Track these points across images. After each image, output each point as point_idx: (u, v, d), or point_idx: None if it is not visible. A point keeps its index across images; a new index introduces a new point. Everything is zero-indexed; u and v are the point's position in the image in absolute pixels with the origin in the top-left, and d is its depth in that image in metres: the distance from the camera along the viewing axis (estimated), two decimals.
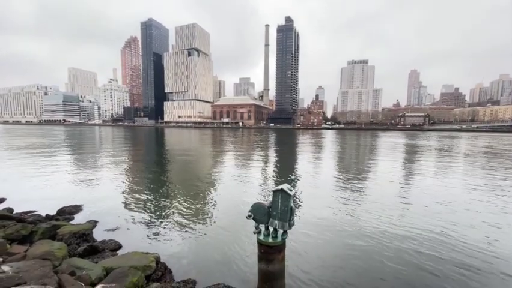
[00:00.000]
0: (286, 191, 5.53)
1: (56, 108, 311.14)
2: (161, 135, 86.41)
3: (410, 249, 8.21)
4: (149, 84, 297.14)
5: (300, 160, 29.90)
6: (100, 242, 8.19)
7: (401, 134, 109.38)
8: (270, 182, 17.75)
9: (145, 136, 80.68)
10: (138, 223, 10.24)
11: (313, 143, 56.29)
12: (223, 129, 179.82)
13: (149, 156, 33.35)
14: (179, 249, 8.22)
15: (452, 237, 9.13)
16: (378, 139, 70.41)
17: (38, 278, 5.13)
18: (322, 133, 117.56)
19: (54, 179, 17.25)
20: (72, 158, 28.17)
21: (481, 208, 12.17)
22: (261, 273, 5.97)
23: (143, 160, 29.11)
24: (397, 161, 27.78)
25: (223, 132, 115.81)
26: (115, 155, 31.07)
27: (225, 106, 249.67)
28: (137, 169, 22.90)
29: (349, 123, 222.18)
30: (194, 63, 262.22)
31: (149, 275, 6.22)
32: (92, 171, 20.59)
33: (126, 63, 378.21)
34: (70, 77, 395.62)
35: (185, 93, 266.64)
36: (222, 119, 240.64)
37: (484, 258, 7.75)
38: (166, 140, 64.87)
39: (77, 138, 65.25)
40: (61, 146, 42.57)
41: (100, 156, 29.70)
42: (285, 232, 5.83)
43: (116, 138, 69.34)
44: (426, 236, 9.17)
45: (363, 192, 14.82)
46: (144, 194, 14.40)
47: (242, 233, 9.20)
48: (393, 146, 48.38)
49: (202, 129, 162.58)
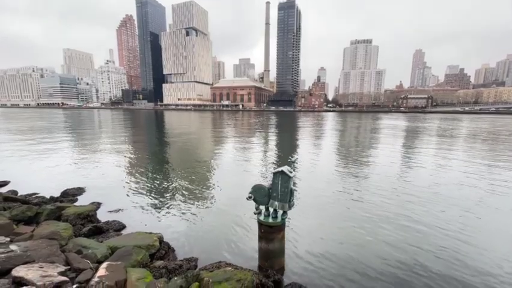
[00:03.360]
0: (286, 173, 5.57)
1: (54, 91, 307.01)
2: (161, 118, 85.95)
3: (410, 229, 8.42)
4: (147, 66, 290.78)
5: (300, 142, 29.91)
6: (104, 223, 8.40)
7: (403, 116, 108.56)
8: (270, 164, 17.89)
9: (144, 119, 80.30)
10: (141, 204, 10.46)
11: (314, 126, 56.05)
12: (223, 111, 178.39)
13: (150, 139, 33.38)
14: (181, 229, 8.46)
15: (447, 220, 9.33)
16: (379, 122, 70.00)
17: (46, 256, 5.32)
18: (323, 115, 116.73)
19: (56, 162, 17.40)
20: (73, 141, 28.24)
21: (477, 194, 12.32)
22: (262, 251, 6.17)
23: (144, 143, 29.17)
24: (396, 144, 27.80)
25: (223, 115, 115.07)
26: (115, 138, 31.09)
27: (225, 88, 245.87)
28: (138, 152, 23.01)
29: (351, 106, 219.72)
30: (192, 43, 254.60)
31: (153, 254, 6.44)
32: (93, 154, 20.72)
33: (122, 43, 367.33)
34: (66, 58, 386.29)
35: (184, 74, 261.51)
36: (222, 102, 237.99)
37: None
38: (166, 123, 64.64)
39: (77, 121, 65.02)
40: (62, 129, 42.54)
41: (100, 139, 29.74)
42: (284, 213, 5.95)
43: (116, 121, 69.05)
44: (426, 216, 9.37)
45: (363, 174, 14.96)
46: (146, 176, 14.57)
47: (243, 214, 9.41)
48: (394, 128, 48.17)
49: (202, 112, 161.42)
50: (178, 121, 73.50)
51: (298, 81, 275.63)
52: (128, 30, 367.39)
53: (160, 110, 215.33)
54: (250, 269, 5.89)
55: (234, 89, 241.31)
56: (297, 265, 6.57)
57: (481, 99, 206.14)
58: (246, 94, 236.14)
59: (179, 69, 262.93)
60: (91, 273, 4.89)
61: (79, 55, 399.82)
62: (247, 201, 6.10)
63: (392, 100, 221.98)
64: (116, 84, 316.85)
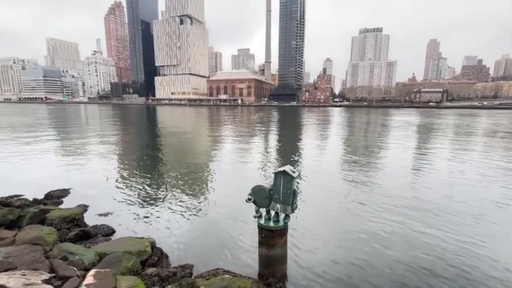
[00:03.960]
0: (289, 173, 5.56)
1: (36, 85, 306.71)
2: (153, 114, 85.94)
3: (421, 237, 8.40)
4: (137, 57, 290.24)
5: (304, 141, 29.92)
6: (91, 227, 8.42)
7: (416, 111, 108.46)
8: (272, 164, 17.90)
9: (135, 115, 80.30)
10: (131, 207, 10.48)
11: (319, 122, 56.02)
12: (220, 107, 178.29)
13: (141, 136, 33.39)
14: (175, 233, 8.47)
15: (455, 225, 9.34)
16: (389, 118, 69.96)
17: (29, 263, 5.33)
18: (329, 111, 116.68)
19: (40, 162, 17.42)
20: (58, 139, 28.25)
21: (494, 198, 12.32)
22: (262, 258, 6.18)
23: (135, 141, 29.19)
24: (409, 143, 27.81)
25: (220, 111, 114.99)
26: (103, 136, 31.10)
27: (222, 81, 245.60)
28: (128, 150, 23.03)
29: (359, 100, 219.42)
30: (187, 32, 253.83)
31: (144, 260, 6.46)
32: (79, 152, 20.73)
33: (111, 32, 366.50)
34: (49, 49, 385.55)
35: (178, 66, 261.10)
36: (219, 96, 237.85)
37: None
38: (159, 120, 64.63)
39: (62, 117, 65.03)
40: (46, 126, 42.54)
41: (87, 137, 29.76)
42: (287, 216, 5.95)
43: (104, 117, 69.02)
44: (440, 224, 9.37)
45: (371, 176, 14.98)
46: (136, 176, 14.59)
47: (242, 217, 9.43)
48: (406, 125, 48.14)
49: (197, 107, 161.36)
50: (172, 117, 73.46)
51: (302, 74, 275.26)
52: (117, 18, 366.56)
53: (152, 105, 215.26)
54: (250, 277, 5.90)
55: (232, 82, 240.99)
56: (300, 273, 6.58)
57: (501, 93, 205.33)
58: (245, 88, 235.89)
59: (172, 61, 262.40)
60: (77, 281, 4.91)
61: (64, 45, 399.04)
62: (247, 203, 6.10)
63: (404, 94, 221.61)
64: (104, 77, 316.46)
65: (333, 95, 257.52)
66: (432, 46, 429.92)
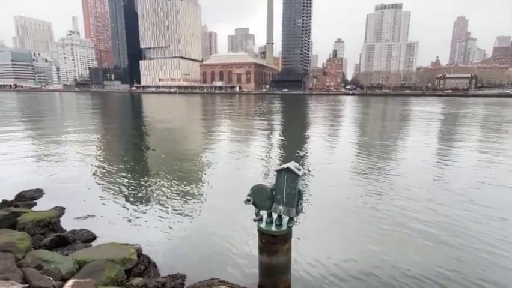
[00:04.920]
0: (294, 171, 5.57)
1: (4, 70, 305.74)
2: (138, 104, 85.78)
3: (442, 246, 8.41)
4: (120, 38, 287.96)
5: (311, 135, 29.90)
6: (69, 232, 8.48)
7: (439, 100, 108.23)
8: (274, 160, 17.91)
9: (118, 105, 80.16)
10: (114, 210, 10.54)
11: (328, 113, 55.90)
12: (215, 95, 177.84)
13: (125, 130, 33.37)
14: (164, 239, 8.54)
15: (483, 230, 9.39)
16: (409, 108, 69.82)
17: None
18: (340, 100, 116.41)
19: (9, 159, 17.45)
20: (30, 133, 28.27)
21: None
22: (263, 266, 6.23)
23: (117, 135, 29.18)
24: (430, 139, 27.82)
25: (215, 100, 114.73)
26: (81, 129, 31.09)
27: (218, 66, 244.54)
28: (110, 146, 23.04)
29: (374, 87, 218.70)
30: (176, 9, 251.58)
31: (129, 269, 6.51)
32: (55, 149, 20.75)
33: (89, 9, 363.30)
34: (18, 28, 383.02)
35: (167, 49, 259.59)
36: (214, 83, 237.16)
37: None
38: (145, 110, 64.53)
39: (34, 107, 64.91)
40: (16, 117, 42.52)
41: (63, 131, 29.77)
42: (291, 219, 5.98)
43: (82, 107, 68.90)
44: (463, 231, 9.37)
45: (387, 175, 15.03)
46: (120, 176, 14.63)
47: (240, 221, 9.48)
48: (428, 116, 48.03)
49: (189, 96, 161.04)
50: (160, 108, 73.32)
51: (310, 57, 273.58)
52: None
53: (137, 93, 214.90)
54: None
55: (229, 66, 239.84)
56: (305, 284, 6.64)
57: None
58: (244, 73, 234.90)
59: (160, 42, 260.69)
60: None
61: (35, 24, 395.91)
62: (245, 205, 6.13)
63: (426, 80, 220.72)
64: (82, 61, 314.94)
65: (344, 81, 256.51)
66: (459, 25, 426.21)
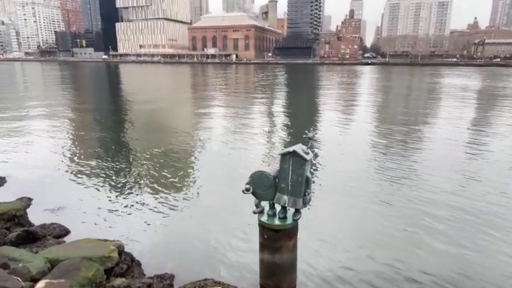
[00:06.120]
0: (301, 155, 5.55)
1: None
2: (115, 76, 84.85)
3: (467, 255, 8.33)
4: None
5: (321, 113, 29.75)
6: (38, 227, 8.60)
7: (477, 71, 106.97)
8: (278, 143, 17.92)
9: (91, 77, 79.31)
10: (90, 200, 10.66)
11: (342, 88, 55.35)
12: (207, 65, 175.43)
13: (101, 107, 33.18)
14: (149, 234, 8.68)
15: None
16: (440, 80, 69.11)
17: None
18: (357, 71, 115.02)
19: None
20: None
21: None
22: (264, 265, 6.34)
23: (91, 113, 29.04)
24: (463, 119, 27.52)
25: (207, 71, 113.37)
26: (50, 106, 30.92)
27: (210, 29, 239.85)
28: (83, 126, 22.96)
29: (398, 56, 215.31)
30: None
31: (110, 269, 6.63)
32: (17, 130, 20.73)
33: None
34: None
35: (148, 8, 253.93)
36: (206, 50, 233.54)
37: None
38: (123, 83, 63.90)
39: None
40: None
41: (27, 108, 29.62)
42: (297, 211, 6.02)
43: (49, 79, 68.15)
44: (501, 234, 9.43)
45: (409, 164, 15.12)
46: (96, 160, 14.68)
47: (237, 213, 9.60)
48: (462, 91, 47.58)
49: (176, 66, 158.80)
50: (141, 80, 72.52)
51: (321, 19, 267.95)
52: None
53: (114, 62, 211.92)
54: None
55: (223, 30, 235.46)
56: (313, 285, 6.79)
57: None
58: (241, 38, 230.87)
59: (140, 0, 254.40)
60: None
61: None
62: (244, 195, 6.15)
63: (461, 47, 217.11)
64: (46, 24, 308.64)
65: (363, 48, 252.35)
66: None
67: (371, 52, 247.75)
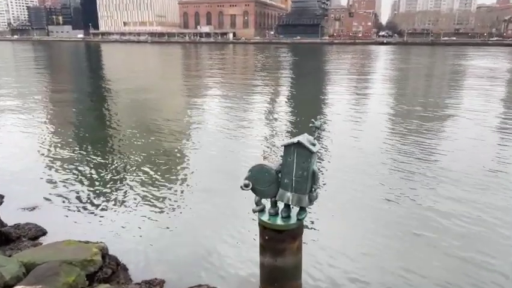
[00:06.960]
0: (307, 146, 5.53)
1: None
2: (96, 57, 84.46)
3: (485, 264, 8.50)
4: None
5: (330, 99, 29.67)
6: (11, 227, 8.63)
7: (506, 52, 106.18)
8: (281, 133, 17.92)
9: (70, 59, 78.96)
10: (69, 198, 10.68)
11: (354, 71, 55.10)
12: (200, 44, 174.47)
13: (81, 93, 33.13)
14: (136, 236, 8.70)
15: None
16: (464, 62, 68.76)
17: None
18: (371, 51, 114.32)
19: None
20: None
21: None
22: (265, 269, 6.38)
23: (72, 100, 29.03)
24: (491, 108, 27.32)
25: (200, 51, 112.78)
26: (22, 92, 30.90)
27: (204, 4, 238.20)
28: (62, 115, 22.95)
29: (418, 34, 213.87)
30: None
31: (92, 273, 6.66)
32: None
33: None
34: None
35: None
36: (199, 28, 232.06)
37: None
38: (106, 66, 63.61)
39: None
40: None
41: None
42: (302, 210, 6.04)
43: (21, 62, 67.84)
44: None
45: (425, 157, 15.11)
46: (76, 153, 14.71)
47: (235, 211, 9.64)
48: (489, 75, 47.34)
49: (165, 46, 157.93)
50: (126, 62, 72.19)
51: None
52: None
53: (95, 42, 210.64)
54: None
55: (219, 5, 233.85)
56: None
57: None
58: (239, 15, 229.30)
59: None
60: None
61: None
62: (242, 191, 6.16)
63: (489, 25, 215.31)
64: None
65: (378, 26, 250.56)
66: None
67: (386, 30, 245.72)
